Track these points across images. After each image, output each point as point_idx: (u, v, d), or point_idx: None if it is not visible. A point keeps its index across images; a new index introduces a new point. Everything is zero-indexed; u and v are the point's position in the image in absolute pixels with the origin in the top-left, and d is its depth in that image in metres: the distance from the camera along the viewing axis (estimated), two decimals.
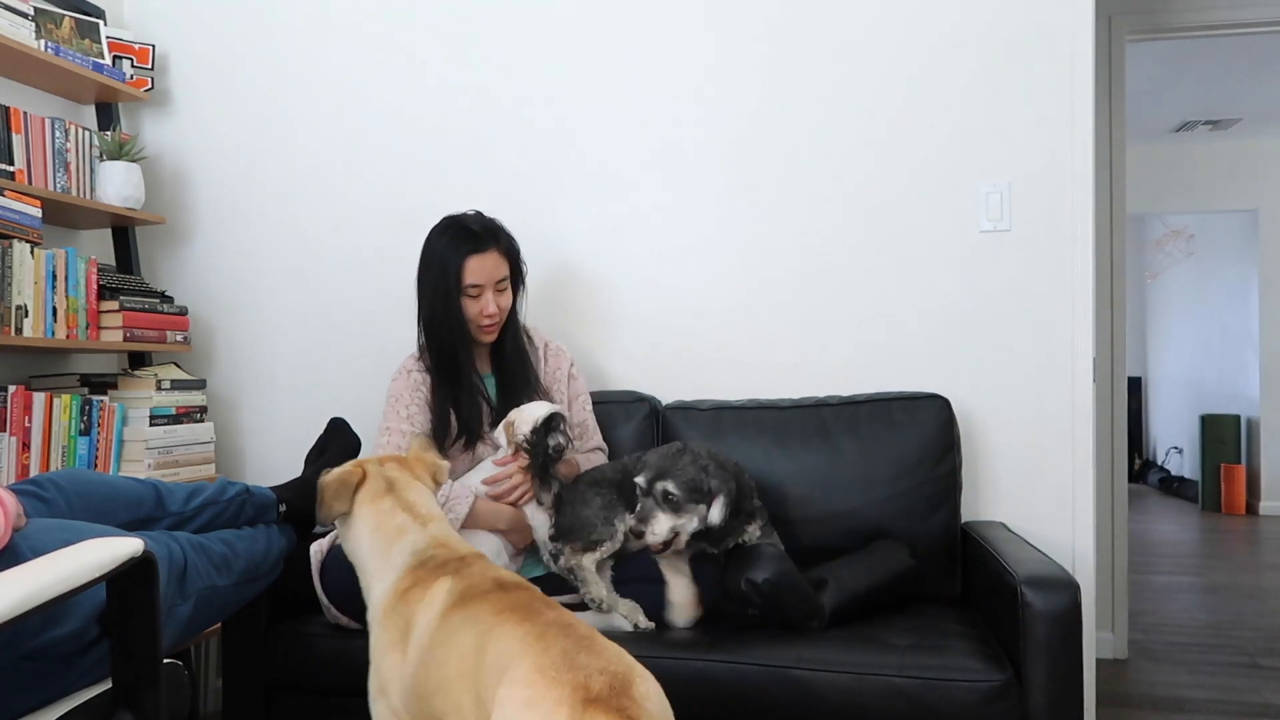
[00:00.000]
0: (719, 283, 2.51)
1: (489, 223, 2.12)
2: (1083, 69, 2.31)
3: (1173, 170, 6.34)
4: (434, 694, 1.28)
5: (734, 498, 1.83)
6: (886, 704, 1.66)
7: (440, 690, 1.26)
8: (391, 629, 1.43)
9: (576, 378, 2.25)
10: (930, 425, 2.20)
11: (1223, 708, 2.72)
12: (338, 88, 2.73)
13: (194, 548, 1.62)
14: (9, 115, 2.31)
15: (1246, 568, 4.77)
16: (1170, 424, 8.09)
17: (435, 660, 1.30)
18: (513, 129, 2.62)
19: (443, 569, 1.43)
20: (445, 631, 1.32)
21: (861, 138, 2.44)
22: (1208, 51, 4.51)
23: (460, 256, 2.05)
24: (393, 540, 1.52)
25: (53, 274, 2.24)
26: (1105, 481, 3.21)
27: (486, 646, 1.21)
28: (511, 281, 2.14)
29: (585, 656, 1.13)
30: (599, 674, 1.10)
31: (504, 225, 2.15)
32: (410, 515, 1.55)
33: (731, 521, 1.84)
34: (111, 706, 1.19)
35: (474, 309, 2.08)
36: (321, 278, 2.74)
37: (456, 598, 1.35)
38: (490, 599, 1.32)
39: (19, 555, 1.19)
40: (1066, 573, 1.69)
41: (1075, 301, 2.32)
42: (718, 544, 1.89)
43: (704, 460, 1.84)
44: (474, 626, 1.27)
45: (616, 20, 2.57)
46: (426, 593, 1.40)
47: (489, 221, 2.12)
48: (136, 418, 2.40)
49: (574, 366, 2.26)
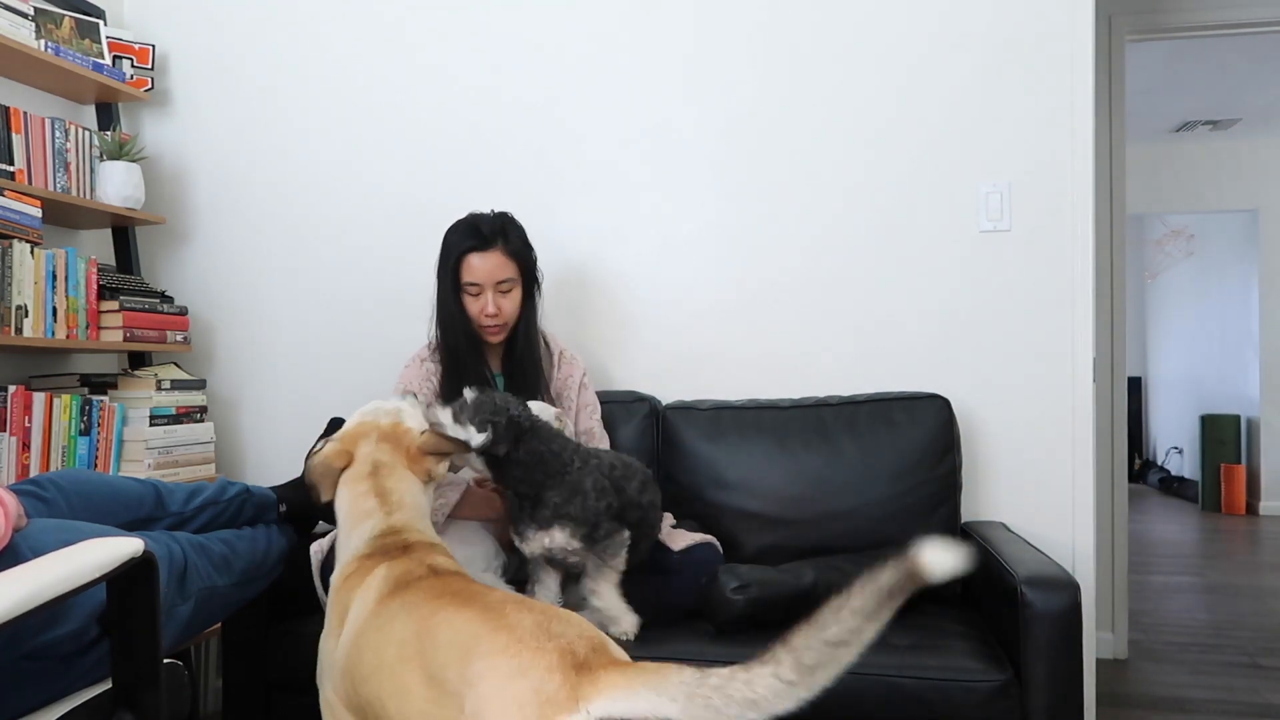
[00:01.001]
0: (719, 283, 2.51)
1: (500, 223, 2.10)
2: (1083, 69, 2.31)
3: (1173, 170, 6.34)
4: (369, 678, 1.26)
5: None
6: (886, 704, 1.66)
7: (376, 674, 1.24)
8: (334, 609, 1.42)
9: (587, 387, 2.25)
10: (930, 425, 2.20)
11: (1223, 708, 2.72)
12: (338, 88, 2.73)
13: (194, 548, 1.62)
14: (9, 115, 2.31)
15: (1246, 568, 4.77)
16: (1170, 424, 8.08)
17: (370, 645, 1.28)
18: (513, 130, 2.62)
19: (384, 556, 1.42)
20: (381, 618, 1.30)
21: (861, 138, 2.44)
22: (1208, 51, 4.51)
23: (460, 254, 2.07)
24: (356, 524, 1.51)
25: (53, 274, 2.24)
26: (1105, 481, 3.21)
27: (433, 630, 1.19)
28: (524, 285, 2.13)
29: (559, 625, 1.13)
30: (579, 639, 1.10)
31: (519, 228, 2.14)
32: (379, 501, 1.53)
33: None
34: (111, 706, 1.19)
35: (475, 307, 2.09)
36: (321, 277, 2.74)
37: (391, 585, 1.34)
38: (424, 585, 1.31)
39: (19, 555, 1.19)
40: (1066, 573, 1.69)
41: (1075, 301, 2.32)
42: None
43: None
44: (412, 612, 1.26)
45: (616, 21, 2.57)
46: (364, 579, 1.39)
47: (501, 222, 2.10)
48: (136, 418, 2.40)
49: (586, 376, 2.26)
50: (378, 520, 1.50)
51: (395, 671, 1.21)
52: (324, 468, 1.57)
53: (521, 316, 2.16)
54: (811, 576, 1.87)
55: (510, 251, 2.09)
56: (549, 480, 1.69)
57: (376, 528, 1.48)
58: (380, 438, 1.60)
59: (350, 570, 1.44)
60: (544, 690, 1.04)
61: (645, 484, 1.85)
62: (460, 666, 1.11)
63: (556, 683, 1.04)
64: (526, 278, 2.14)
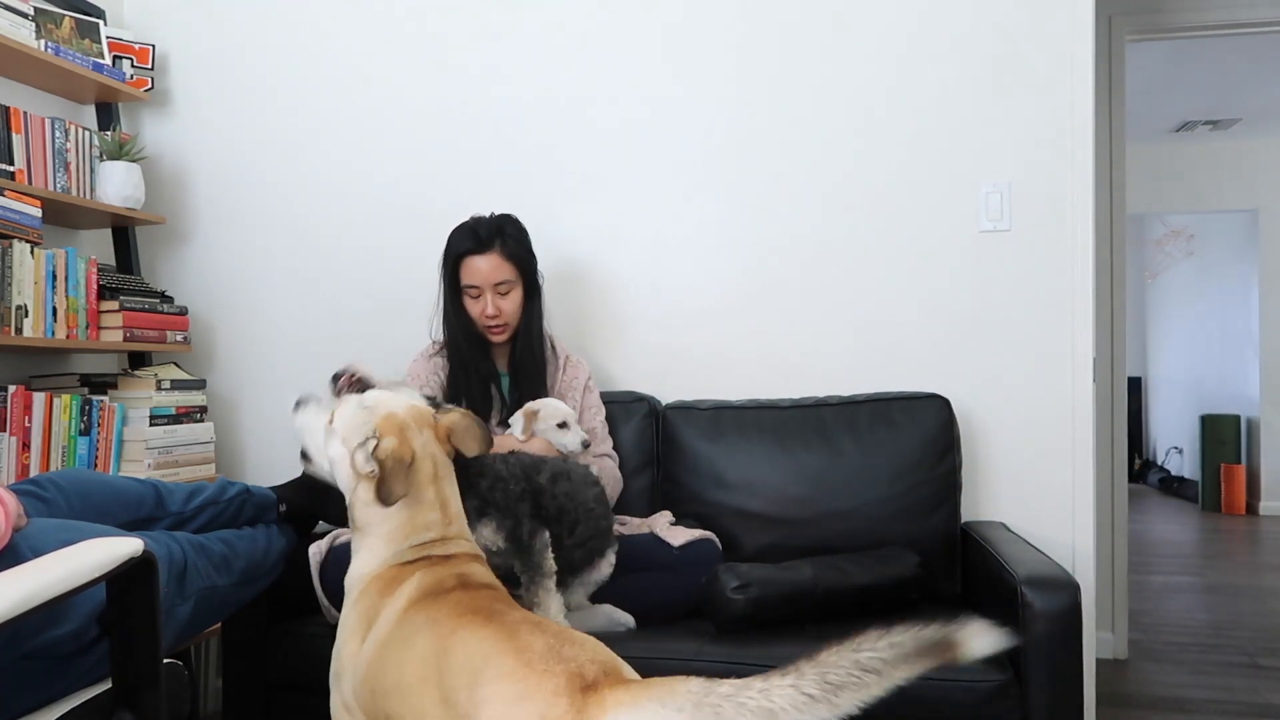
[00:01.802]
0: (719, 283, 2.51)
1: (498, 225, 2.12)
2: (1083, 69, 2.31)
3: (1173, 170, 6.34)
4: (390, 693, 1.23)
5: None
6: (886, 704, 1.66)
7: (399, 692, 1.22)
8: (359, 614, 1.38)
9: (592, 390, 2.27)
10: (930, 425, 2.20)
11: (1223, 708, 2.72)
12: (339, 88, 2.73)
13: (194, 548, 1.62)
14: (9, 115, 2.31)
15: (1246, 568, 4.77)
16: (1170, 424, 8.08)
17: (393, 659, 1.26)
18: (513, 130, 2.62)
19: (425, 563, 1.39)
20: (406, 629, 1.27)
21: (861, 138, 2.44)
22: (1208, 51, 4.51)
23: (458, 256, 2.11)
24: (414, 533, 1.42)
25: (53, 274, 2.24)
26: (1105, 481, 3.21)
27: (450, 649, 1.18)
28: (524, 286, 2.15)
29: (570, 649, 1.11)
30: (590, 663, 1.08)
31: (517, 228, 2.15)
32: (441, 514, 1.45)
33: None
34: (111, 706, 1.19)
35: (475, 309, 2.12)
36: (322, 277, 2.74)
37: (420, 593, 1.32)
38: (451, 598, 1.28)
39: (19, 555, 1.19)
40: (1066, 573, 1.69)
41: (1075, 301, 2.32)
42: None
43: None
44: (434, 629, 1.23)
45: (616, 22, 2.57)
46: (399, 586, 1.35)
47: (499, 224, 2.13)
48: (136, 418, 2.40)
49: (591, 380, 2.28)
50: (436, 533, 1.44)
51: (415, 691, 1.20)
52: (398, 462, 1.41)
53: (524, 317, 2.18)
54: (811, 576, 1.87)
55: (508, 253, 2.11)
56: (474, 464, 1.70)
57: (430, 538, 1.43)
58: (418, 424, 1.48)
59: (390, 574, 1.38)
60: (549, 715, 1.02)
61: (557, 475, 1.83)
62: (470, 690, 1.11)
63: (562, 707, 1.02)
64: (527, 279, 2.16)
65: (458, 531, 1.47)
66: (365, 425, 1.47)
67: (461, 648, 1.17)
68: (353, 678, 1.34)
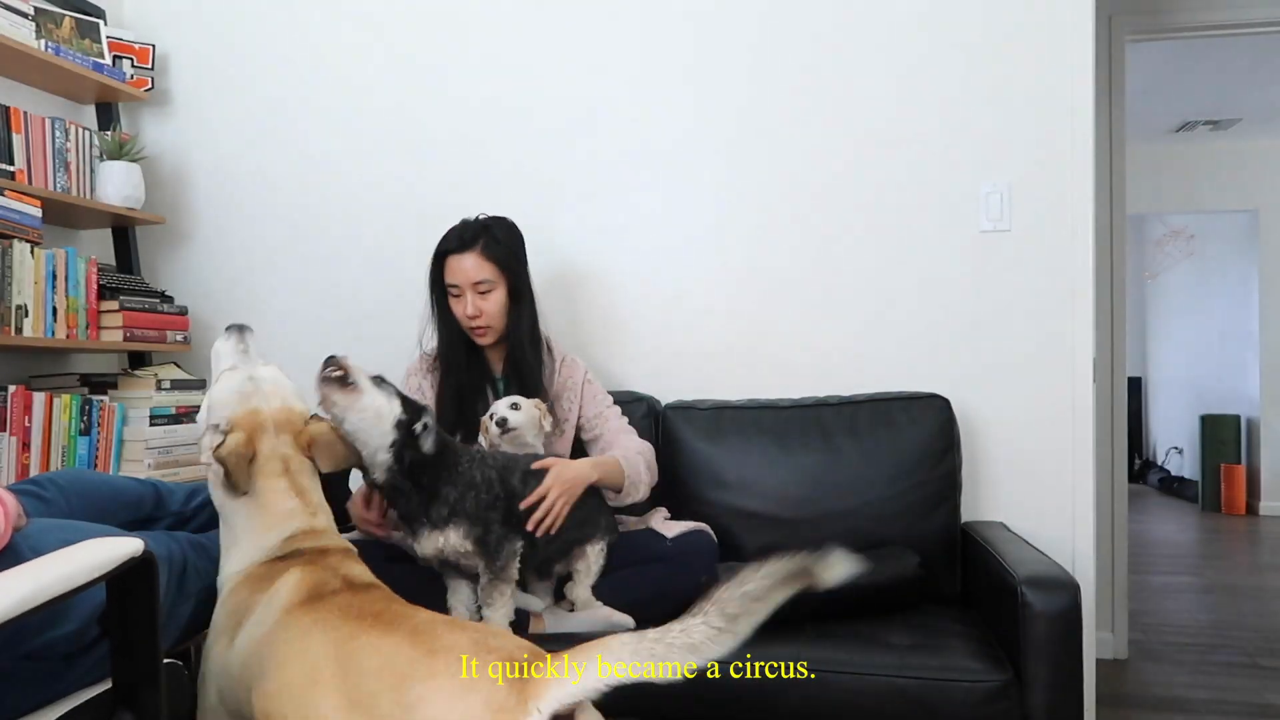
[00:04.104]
0: (718, 283, 2.51)
1: (484, 226, 2.11)
2: (1083, 69, 2.31)
3: (1173, 170, 6.34)
4: (271, 695, 1.21)
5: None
6: (886, 704, 1.66)
7: (283, 694, 1.20)
8: (229, 612, 1.38)
9: (591, 383, 2.23)
10: (930, 425, 2.20)
11: (1223, 708, 2.72)
12: (339, 88, 2.73)
13: (194, 548, 1.61)
14: (9, 115, 2.31)
15: (1246, 568, 4.77)
16: (1170, 424, 8.08)
17: (275, 659, 1.24)
18: (514, 131, 2.62)
19: (299, 560, 1.38)
20: (291, 631, 1.26)
21: (861, 138, 2.44)
22: (1208, 51, 4.51)
23: (440, 255, 2.12)
24: (274, 524, 1.44)
25: (53, 274, 2.24)
26: (1105, 481, 3.20)
27: (354, 655, 1.17)
28: (509, 288, 2.11)
29: (496, 640, 1.15)
30: (518, 649, 1.13)
31: (505, 230, 2.12)
32: (302, 502, 1.47)
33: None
34: (111, 706, 1.19)
35: (458, 309, 2.11)
36: (322, 278, 2.74)
37: (304, 595, 1.31)
38: (339, 601, 1.28)
39: (19, 555, 1.19)
40: (1066, 573, 1.70)
41: (1075, 301, 2.32)
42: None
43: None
44: (327, 633, 1.22)
45: (616, 22, 2.57)
46: (273, 584, 1.34)
47: (486, 225, 2.11)
48: (136, 418, 2.40)
49: (589, 374, 2.24)
50: (300, 522, 1.45)
51: (304, 694, 1.18)
52: (239, 459, 1.45)
53: (511, 320, 2.13)
54: None
55: (489, 254, 2.08)
56: (445, 474, 1.69)
57: (296, 529, 1.44)
58: (278, 427, 1.51)
59: (261, 571, 1.39)
60: (493, 700, 1.05)
61: (528, 476, 1.82)
62: (395, 693, 1.11)
63: (504, 691, 1.06)
64: (511, 280, 2.11)
65: (325, 524, 1.48)
66: (227, 409, 1.51)
67: (373, 652, 1.17)
68: (222, 677, 1.33)
